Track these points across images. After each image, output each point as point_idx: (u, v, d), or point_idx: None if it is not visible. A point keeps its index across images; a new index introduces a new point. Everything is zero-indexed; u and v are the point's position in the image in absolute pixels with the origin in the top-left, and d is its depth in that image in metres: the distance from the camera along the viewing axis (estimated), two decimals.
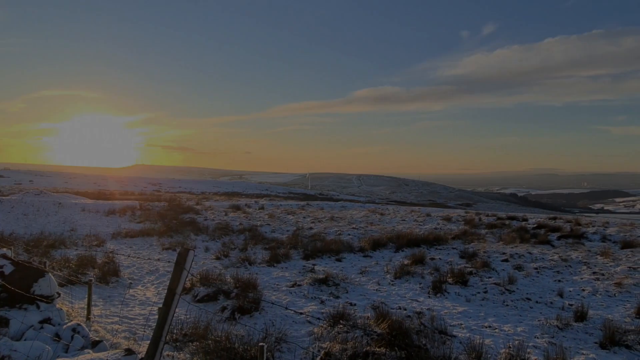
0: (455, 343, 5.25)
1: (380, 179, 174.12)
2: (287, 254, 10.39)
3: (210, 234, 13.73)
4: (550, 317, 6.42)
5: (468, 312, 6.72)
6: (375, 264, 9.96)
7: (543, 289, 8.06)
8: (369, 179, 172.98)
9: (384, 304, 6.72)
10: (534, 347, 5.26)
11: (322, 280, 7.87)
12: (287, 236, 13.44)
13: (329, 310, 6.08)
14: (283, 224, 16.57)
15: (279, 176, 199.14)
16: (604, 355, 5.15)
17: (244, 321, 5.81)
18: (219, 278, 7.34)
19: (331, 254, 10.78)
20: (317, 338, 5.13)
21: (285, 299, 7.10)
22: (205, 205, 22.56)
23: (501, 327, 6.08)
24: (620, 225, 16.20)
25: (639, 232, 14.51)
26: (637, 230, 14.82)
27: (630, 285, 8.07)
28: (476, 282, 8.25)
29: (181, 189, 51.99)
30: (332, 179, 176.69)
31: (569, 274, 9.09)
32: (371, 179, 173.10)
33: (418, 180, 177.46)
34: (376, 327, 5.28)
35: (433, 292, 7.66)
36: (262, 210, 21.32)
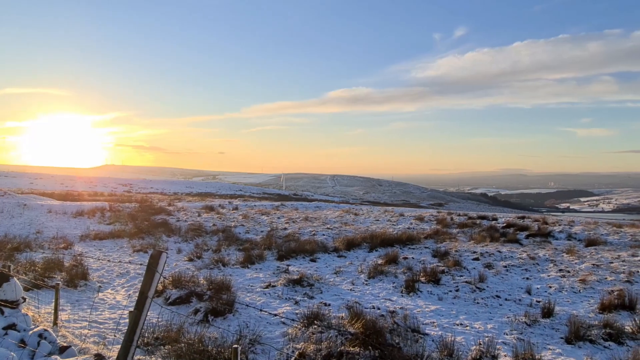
0: (427, 341, 5.34)
1: (354, 179, 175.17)
2: (261, 255, 10.34)
3: (182, 235, 13.53)
4: (519, 313, 6.60)
5: (440, 310, 6.84)
6: (350, 264, 10.02)
7: (512, 287, 8.28)
8: (343, 180, 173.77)
9: (358, 304, 6.77)
10: (504, 344, 5.40)
11: (297, 281, 7.87)
12: (261, 237, 13.37)
13: (304, 311, 6.09)
14: (257, 224, 16.48)
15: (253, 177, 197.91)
16: (569, 350, 5.33)
17: (218, 323, 5.75)
18: (192, 280, 7.24)
19: (305, 255, 10.79)
20: (292, 339, 5.13)
21: (259, 300, 7.06)
22: (177, 206, 22.21)
23: (472, 324, 6.21)
24: (585, 224, 16.78)
25: (602, 230, 15.07)
26: (600, 229, 15.38)
27: (594, 282, 8.38)
28: (448, 281, 8.40)
29: (153, 189, 51.00)
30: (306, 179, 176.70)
31: (537, 272, 9.36)
32: (345, 180, 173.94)
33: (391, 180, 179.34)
34: (350, 327, 5.31)
35: (406, 291, 7.76)
36: (236, 211, 21.14)
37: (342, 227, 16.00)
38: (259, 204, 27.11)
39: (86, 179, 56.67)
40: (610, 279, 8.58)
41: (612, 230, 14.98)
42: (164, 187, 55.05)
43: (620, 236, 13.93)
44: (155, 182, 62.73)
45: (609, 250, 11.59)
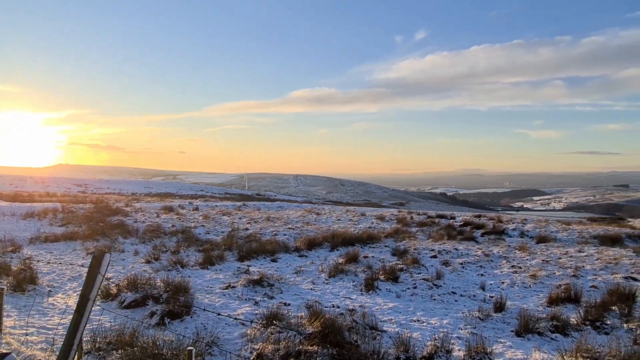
0: (385, 338, 5.43)
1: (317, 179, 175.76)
2: (221, 256, 10.21)
3: (140, 236, 13.16)
4: (473, 309, 6.82)
5: (398, 307, 6.97)
6: (311, 263, 10.05)
7: (467, 283, 8.54)
8: (306, 179, 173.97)
9: (318, 303, 6.80)
10: (458, 338, 5.57)
11: (257, 281, 7.82)
12: (222, 237, 13.20)
13: (263, 311, 6.06)
14: (218, 225, 16.26)
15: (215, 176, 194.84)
16: (519, 343, 5.56)
17: (175, 326, 5.64)
18: (148, 282, 7.06)
19: (267, 255, 10.74)
20: (250, 340, 5.09)
21: (218, 301, 6.97)
22: (135, 206, 21.59)
23: (429, 320, 6.37)
24: (537, 222, 17.53)
25: (553, 228, 15.79)
26: (550, 227, 16.11)
27: (543, 277, 8.76)
28: (406, 278, 8.57)
29: (110, 190, 49.29)
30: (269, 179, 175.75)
31: (491, 268, 9.70)
32: (308, 179, 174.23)
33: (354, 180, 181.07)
34: (309, 326, 5.33)
35: (365, 289, 7.86)
36: (197, 211, 20.77)
37: (304, 226, 16.01)
38: (221, 204, 26.75)
39: (38, 179, 54.07)
40: (559, 274, 9.01)
41: (562, 228, 15.72)
42: (121, 188, 53.33)
43: (568, 233, 14.64)
44: (112, 182, 60.68)
45: (558, 246, 12.16)
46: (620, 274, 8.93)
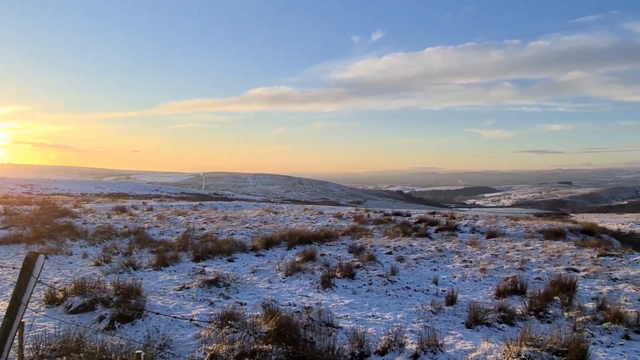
0: (340, 334, 5.49)
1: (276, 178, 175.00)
2: (176, 257, 9.98)
3: (89, 238, 12.64)
4: (426, 303, 7.01)
5: (354, 303, 7.06)
6: (268, 262, 10.00)
7: (421, 278, 8.77)
8: (264, 178, 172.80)
9: (275, 302, 6.79)
10: (411, 332, 5.70)
11: (212, 282, 7.70)
12: (176, 238, 12.90)
13: (218, 312, 5.98)
14: (173, 225, 15.87)
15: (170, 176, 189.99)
16: (469, 334, 5.77)
17: (125, 330, 5.47)
18: (98, 286, 6.79)
19: (223, 255, 10.59)
20: (204, 341, 5.01)
21: (172, 303, 6.81)
22: (85, 207, 20.72)
23: (383, 315, 6.49)
24: (487, 218, 18.23)
25: (502, 223, 16.46)
26: (500, 222, 16.79)
27: (492, 270, 9.13)
28: (362, 275, 8.70)
29: (57, 190, 46.99)
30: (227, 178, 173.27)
31: (443, 263, 10.00)
32: (267, 178, 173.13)
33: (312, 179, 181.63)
34: (265, 325, 5.31)
35: (322, 286, 7.91)
36: (151, 212, 20.19)
37: (261, 226, 15.91)
38: (176, 204, 26.13)
39: None
40: (506, 267, 9.41)
41: (510, 223, 16.41)
42: (70, 188, 51.01)
43: (516, 228, 15.30)
44: (60, 183, 57.91)
45: (507, 241, 12.70)
46: (563, 265, 9.44)
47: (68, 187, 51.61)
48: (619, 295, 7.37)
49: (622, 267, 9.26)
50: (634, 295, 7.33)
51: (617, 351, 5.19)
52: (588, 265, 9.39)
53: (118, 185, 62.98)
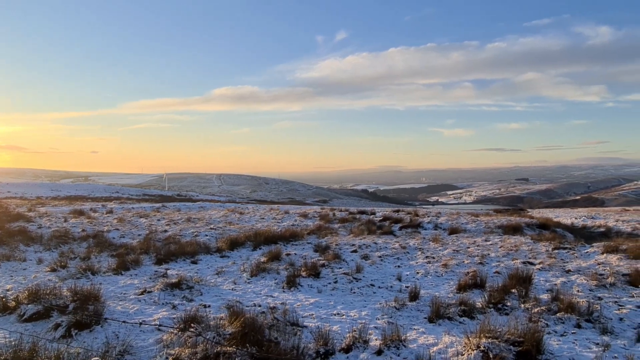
0: (305, 333, 5.50)
1: (241, 178, 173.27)
2: (137, 260, 9.72)
3: (45, 243, 12.14)
4: (390, 299, 7.12)
5: (319, 302, 7.09)
6: (232, 263, 9.89)
7: (385, 275, 8.89)
8: (229, 179, 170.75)
9: (239, 303, 6.73)
10: (375, 328, 5.78)
11: (175, 285, 7.55)
12: (138, 241, 12.56)
13: (181, 315, 5.86)
14: (134, 227, 15.45)
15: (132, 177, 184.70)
16: (431, 328, 5.89)
17: (83, 337, 5.28)
18: (53, 292, 6.52)
19: (186, 257, 10.41)
20: (166, 345, 4.91)
21: (133, 307, 6.63)
22: (40, 211, 19.89)
23: (348, 313, 6.54)
24: (449, 215, 18.68)
25: (463, 220, 16.91)
26: (461, 219, 17.24)
27: (454, 266, 9.37)
28: (328, 274, 8.74)
29: (10, 194, 44.81)
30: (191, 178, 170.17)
31: (407, 260, 10.18)
32: (232, 178, 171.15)
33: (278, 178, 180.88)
34: (229, 327, 5.25)
35: (287, 286, 7.90)
36: (111, 214, 19.59)
37: (226, 226, 15.72)
38: (138, 206, 25.47)
39: None
40: (467, 262, 9.68)
41: (471, 220, 16.89)
42: (24, 191, 48.76)
43: (476, 224, 15.76)
44: (13, 186, 55.26)
45: (467, 237, 13.06)
46: (520, 259, 9.79)
47: (22, 190, 49.32)
48: (572, 286, 7.72)
49: (575, 260, 9.71)
50: (585, 285, 7.70)
51: (570, 339, 5.43)
52: (543, 259, 9.78)
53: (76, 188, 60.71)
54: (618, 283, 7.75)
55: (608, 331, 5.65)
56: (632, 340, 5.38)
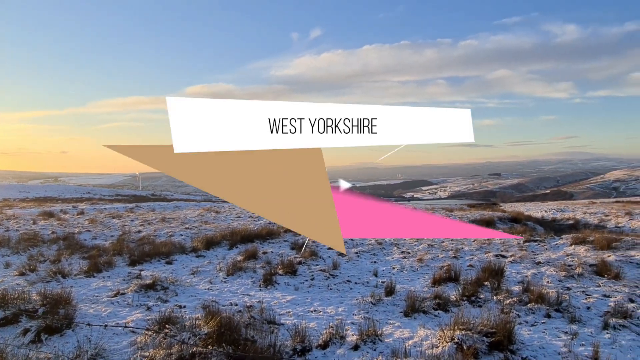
0: (282, 331, 5.50)
1: None
2: (109, 262, 9.51)
3: (12, 246, 11.74)
4: (366, 295, 7.18)
5: (296, 299, 7.09)
6: (208, 263, 9.80)
7: (362, 271, 8.96)
8: None
9: (216, 302, 6.68)
10: (352, 324, 5.82)
11: (149, 286, 7.43)
12: (110, 242, 12.29)
13: (156, 316, 5.78)
14: (107, 229, 15.12)
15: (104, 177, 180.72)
16: (407, 322, 5.97)
17: (53, 342, 5.15)
18: (22, 296, 6.33)
19: (161, 257, 10.25)
20: (140, 347, 4.83)
21: (105, 310, 6.50)
22: (7, 213, 19.26)
23: (325, 309, 6.57)
24: (424, 210, 18.94)
25: (438, 214, 17.16)
26: (436, 214, 17.50)
27: (429, 260, 9.51)
28: (304, 271, 8.75)
29: None
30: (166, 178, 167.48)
31: (383, 255, 10.28)
32: None
33: None
34: (205, 327, 5.20)
35: (264, 284, 7.87)
36: (82, 216, 19.11)
37: (202, 226, 15.55)
38: (110, 206, 24.95)
39: None
40: (442, 256, 9.84)
41: (445, 214, 17.16)
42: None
43: (451, 219, 16.01)
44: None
45: None
46: (492, 252, 10.01)
47: None
48: (542, 277, 7.94)
49: (545, 252, 9.98)
50: (554, 276, 7.93)
51: (540, 329, 5.59)
52: (515, 251, 10.03)
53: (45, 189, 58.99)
54: (586, 273, 8.01)
55: (576, 320, 5.84)
56: (598, 328, 5.58)
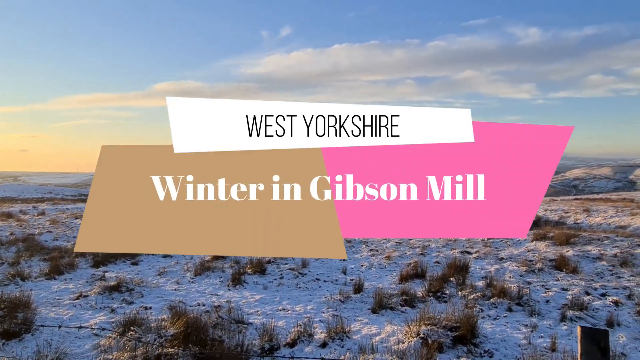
0: (250, 330, 5.48)
1: None
2: (72, 263, 9.23)
3: None
4: (335, 292, 7.23)
5: (265, 298, 7.08)
6: (176, 263, 9.65)
7: (330, 269, 9.01)
8: None
9: (183, 303, 6.59)
10: (320, 322, 5.86)
11: (114, 287, 7.25)
12: (73, 243, 11.92)
13: (120, 319, 5.66)
14: (69, 230, 14.65)
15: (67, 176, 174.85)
16: (374, 318, 6.06)
17: (11, 347, 4.96)
18: None
19: (127, 258, 10.02)
20: (104, 350, 4.72)
21: (67, 313, 6.31)
22: None
23: (294, 308, 6.58)
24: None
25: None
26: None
27: (397, 257, 9.66)
28: (273, 270, 8.74)
29: None
30: None
31: (352, 253, 10.37)
32: None
33: None
34: (172, 328, 5.13)
35: (233, 284, 7.82)
36: (43, 216, 18.46)
37: None
38: (73, 206, 24.19)
39: None
40: (409, 253, 10.01)
41: None
42: None
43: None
44: None
45: None
46: (458, 249, 10.26)
47: None
48: (505, 272, 8.20)
49: (507, 248, 10.30)
50: (516, 271, 8.20)
51: (502, 322, 5.78)
52: (479, 248, 10.30)
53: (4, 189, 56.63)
54: (545, 268, 8.32)
55: (536, 313, 6.07)
56: (556, 320, 5.81)
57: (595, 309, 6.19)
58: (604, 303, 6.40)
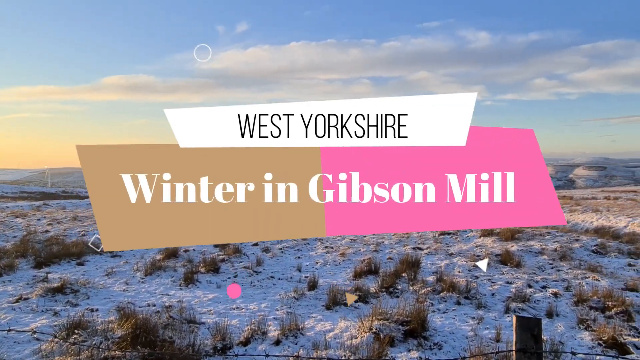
0: (203, 329, 5.39)
1: None
2: (11, 265, 8.71)
3: None
4: (289, 290, 7.23)
5: (218, 297, 6.97)
6: (125, 262, 9.32)
7: (285, 267, 9.00)
8: None
9: (132, 304, 6.38)
10: (274, 319, 5.84)
11: (57, 289, 6.92)
12: (13, 243, 11.26)
13: (64, 322, 5.40)
14: (9, 229, 13.84)
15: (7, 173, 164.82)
16: (328, 315, 6.11)
17: None
18: None
19: (72, 258, 9.58)
20: (45, 355, 4.49)
21: (6, 317, 5.96)
22: None
23: (247, 306, 6.53)
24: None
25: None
26: None
27: (351, 254, 9.77)
28: (227, 268, 8.62)
29: None
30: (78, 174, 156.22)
31: (307, 251, 10.40)
32: None
33: None
34: (119, 330, 4.96)
35: (185, 283, 7.65)
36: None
37: None
38: (14, 204, 22.87)
39: None
40: (363, 250, 10.16)
41: None
42: None
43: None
44: None
45: None
46: (410, 245, 10.51)
47: None
48: (454, 267, 8.49)
49: (457, 244, 10.67)
50: (464, 266, 8.50)
51: (451, 315, 5.98)
52: (431, 244, 10.61)
53: None
54: (492, 262, 8.68)
55: (482, 306, 6.32)
56: (501, 312, 6.08)
57: (536, 300, 6.53)
58: (545, 295, 6.76)
